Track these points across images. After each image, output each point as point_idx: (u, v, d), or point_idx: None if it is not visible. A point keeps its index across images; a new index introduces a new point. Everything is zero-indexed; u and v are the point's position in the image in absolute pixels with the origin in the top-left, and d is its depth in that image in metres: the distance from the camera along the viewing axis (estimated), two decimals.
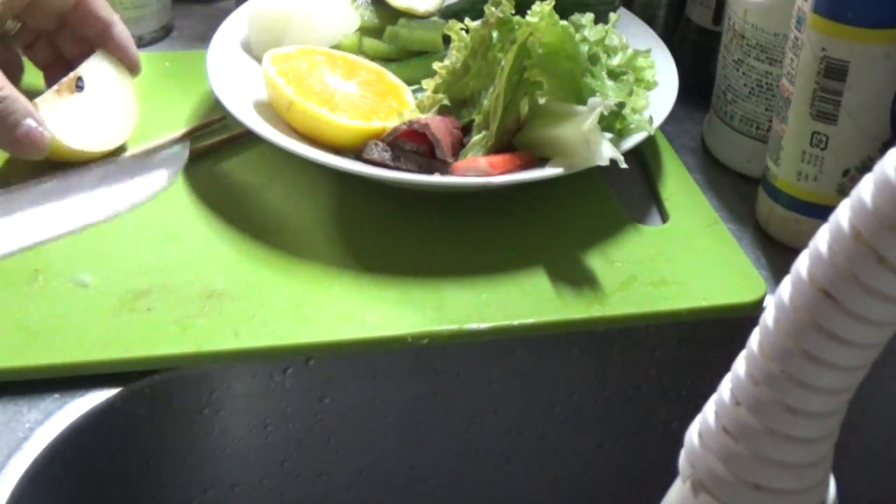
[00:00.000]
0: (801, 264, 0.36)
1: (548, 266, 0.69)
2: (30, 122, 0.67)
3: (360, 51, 0.84)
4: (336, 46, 0.82)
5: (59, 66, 0.78)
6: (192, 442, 0.65)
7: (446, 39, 0.78)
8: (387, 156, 0.71)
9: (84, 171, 0.74)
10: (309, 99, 0.73)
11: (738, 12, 0.76)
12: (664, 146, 0.81)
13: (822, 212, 0.44)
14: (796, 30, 0.68)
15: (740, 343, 0.38)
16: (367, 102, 0.75)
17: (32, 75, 0.80)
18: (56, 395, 0.60)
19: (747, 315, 0.67)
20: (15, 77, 0.76)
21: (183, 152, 0.76)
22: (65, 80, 0.74)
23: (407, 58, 0.83)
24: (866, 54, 0.65)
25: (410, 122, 0.71)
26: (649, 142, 0.77)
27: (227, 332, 0.62)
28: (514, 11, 0.72)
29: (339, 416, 0.67)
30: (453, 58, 0.75)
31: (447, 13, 0.84)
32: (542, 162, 0.71)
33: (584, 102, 0.70)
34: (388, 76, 0.79)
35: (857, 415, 0.41)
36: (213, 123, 0.79)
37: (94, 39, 0.78)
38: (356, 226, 0.72)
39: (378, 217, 0.73)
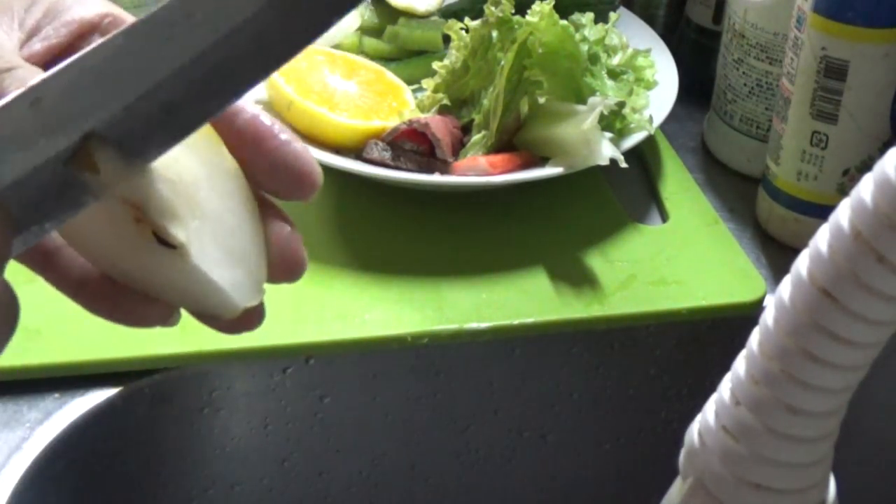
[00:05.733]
0: (801, 264, 0.36)
1: (548, 266, 0.69)
2: None
3: (360, 50, 0.84)
4: (336, 46, 0.82)
5: None
6: (192, 441, 0.65)
7: (446, 39, 0.78)
8: (387, 155, 0.71)
9: None
10: (309, 98, 0.73)
11: (739, 12, 0.76)
12: (664, 146, 0.80)
13: (822, 211, 0.44)
14: (796, 29, 0.68)
15: (740, 343, 0.38)
16: (367, 102, 0.75)
17: None
18: (56, 395, 0.60)
19: (747, 315, 0.67)
20: None
21: None
22: None
23: (407, 57, 0.83)
24: (866, 54, 0.65)
25: (410, 122, 0.71)
26: (649, 141, 0.77)
27: None
28: (514, 11, 0.72)
29: (339, 416, 0.67)
30: (453, 57, 0.75)
31: (447, 12, 0.84)
32: (542, 161, 0.71)
33: (584, 102, 0.69)
34: (388, 76, 0.78)
35: (857, 414, 0.41)
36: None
37: None
38: (356, 226, 0.72)
39: (378, 217, 0.73)
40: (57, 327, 0.62)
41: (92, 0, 0.38)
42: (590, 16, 0.76)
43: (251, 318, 0.37)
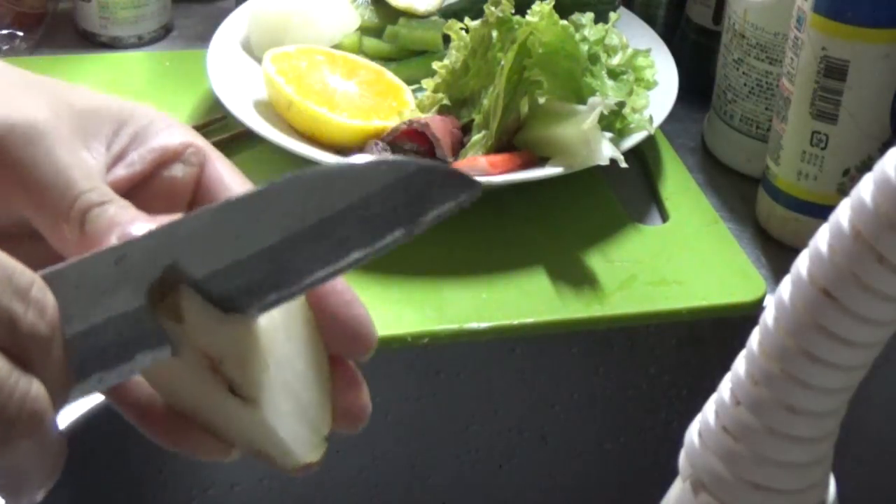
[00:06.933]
0: (801, 264, 0.36)
1: (548, 266, 0.69)
2: None
3: (360, 50, 0.84)
4: (336, 46, 0.82)
5: None
6: None
7: (446, 39, 0.78)
8: (387, 155, 0.71)
9: None
10: (309, 98, 0.73)
11: (739, 12, 0.76)
12: (664, 146, 0.80)
13: (822, 211, 0.44)
14: (796, 29, 0.68)
15: (740, 343, 0.38)
16: (367, 102, 0.75)
17: None
18: None
19: (747, 315, 0.67)
20: None
21: None
22: None
23: (407, 57, 0.83)
24: (866, 54, 0.65)
25: (410, 122, 0.71)
26: (649, 141, 0.77)
27: None
28: (513, 11, 0.72)
29: None
30: (453, 57, 0.75)
31: (447, 12, 0.84)
32: (542, 161, 0.71)
33: (583, 102, 0.69)
34: (388, 76, 0.78)
35: (857, 415, 0.41)
36: (213, 123, 0.79)
37: None
38: None
39: None
40: None
41: (177, 129, 0.38)
42: (590, 16, 0.76)
43: (308, 468, 0.37)
